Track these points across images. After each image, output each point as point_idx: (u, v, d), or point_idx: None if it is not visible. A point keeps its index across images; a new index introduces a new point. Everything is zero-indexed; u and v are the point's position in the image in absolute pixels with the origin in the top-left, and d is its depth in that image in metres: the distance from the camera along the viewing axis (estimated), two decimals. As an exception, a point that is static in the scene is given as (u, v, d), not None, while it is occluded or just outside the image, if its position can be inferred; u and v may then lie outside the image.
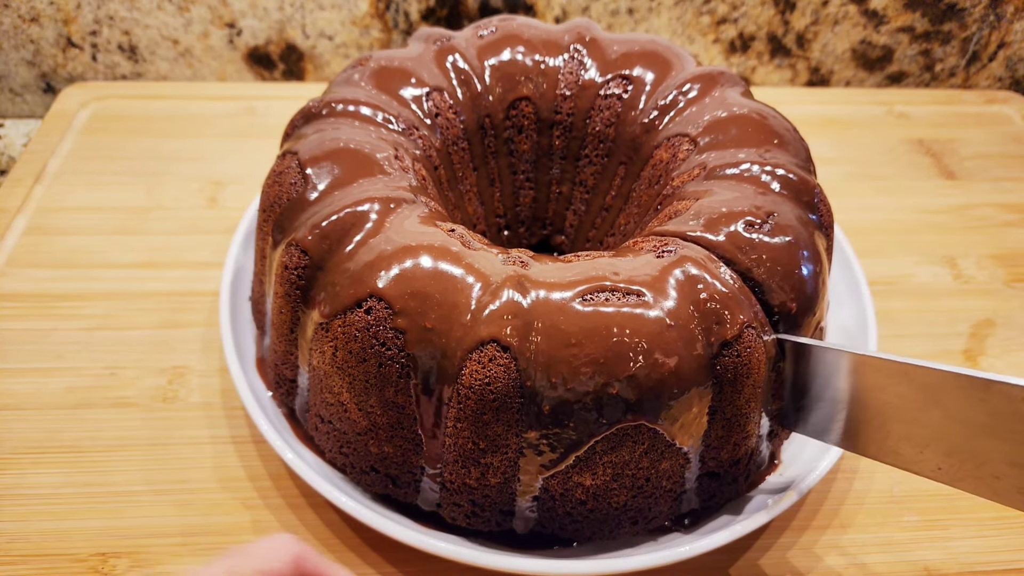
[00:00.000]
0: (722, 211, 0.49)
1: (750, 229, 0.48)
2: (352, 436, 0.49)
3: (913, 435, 0.42)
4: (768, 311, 0.47)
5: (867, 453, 0.45)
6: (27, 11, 0.88)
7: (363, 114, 0.56)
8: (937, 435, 0.41)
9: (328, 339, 0.47)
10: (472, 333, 0.43)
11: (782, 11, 0.96)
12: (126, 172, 0.80)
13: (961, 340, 0.69)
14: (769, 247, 0.48)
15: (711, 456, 0.48)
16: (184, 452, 0.57)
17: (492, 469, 0.46)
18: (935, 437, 0.41)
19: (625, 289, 0.44)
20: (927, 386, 0.41)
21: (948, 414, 0.40)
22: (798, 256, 0.48)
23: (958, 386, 0.39)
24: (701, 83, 0.60)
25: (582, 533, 0.49)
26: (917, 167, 0.88)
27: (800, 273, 0.48)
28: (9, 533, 0.51)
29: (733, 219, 0.49)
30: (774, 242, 0.48)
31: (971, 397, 0.39)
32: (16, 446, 0.56)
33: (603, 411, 0.43)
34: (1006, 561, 0.53)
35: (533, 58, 0.63)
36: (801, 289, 0.48)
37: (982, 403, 0.38)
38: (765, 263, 0.47)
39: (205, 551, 0.51)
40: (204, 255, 0.71)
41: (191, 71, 0.95)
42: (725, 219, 0.49)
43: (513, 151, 0.65)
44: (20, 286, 0.68)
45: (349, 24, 0.93)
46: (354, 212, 0.48)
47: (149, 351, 0.63)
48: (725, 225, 0.48)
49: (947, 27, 0.98)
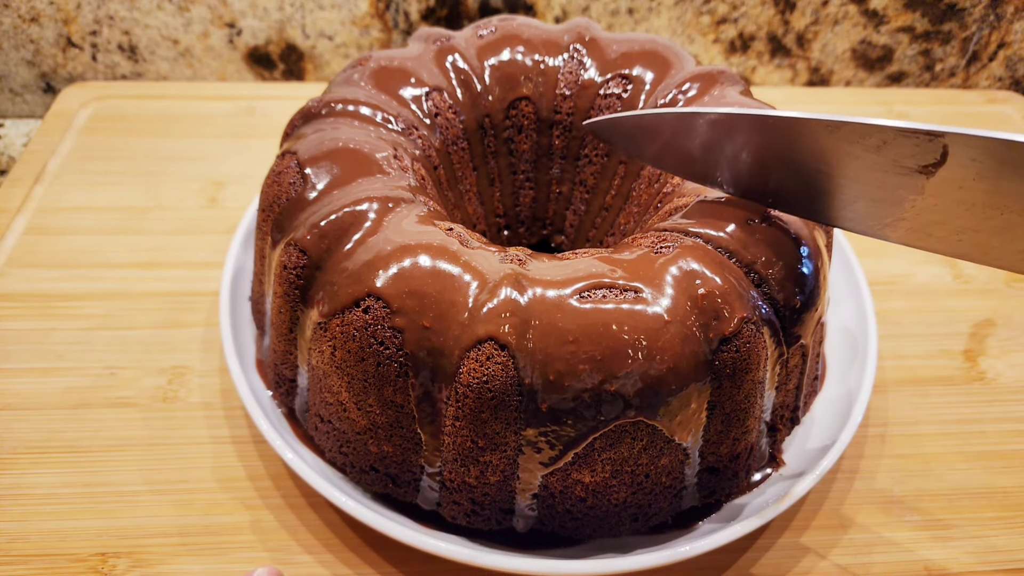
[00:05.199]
0: (723, 206, 0.49)
1: (751, 224, 0.48)
2: (351, 435, 0.49)
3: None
4: (770, 306, 0.47)
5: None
6: (27, 11, 0.89)
7: (362, 114, 0.56)
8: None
9: (327, 339, 0.47)
10: (470, 331, 0.43)
11: (782, 11, 0.96)
12: (126, 172, 0.80)
13: (961, 340, 0.69)
14: (770, 242, 0.48)
15: (711, 451, 0.48)
16: (184, 452, 0.57)
17: (491, 467, 0.46)
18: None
19: (623, 286, 0.44)
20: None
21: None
22: (799, 251, 0.48)
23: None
24: (700, 82, 0.60)
25: (582, 531, 0.49)
26: (917, 167, 0.88)
27: (801, 268, 0.48)
28: (9, 533, 0.51)
29: (734, 214, 0.49)
30: (774, 237, 0.48)
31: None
32: (16, 446, 0.56)
33: (601, 408, 0.43)
34: (1006, 561, 0.53)
35: (533, 58, 0.63)
36: (802, 284, 0.48)
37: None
38: (766, 258, 0.47)
39: (205, 551, 0.51)
40: (204, 255, 0.71)
41: (191, 71, 0.95)
42: (726, 214, 0.49)
43: (513, 151, 0.65)
44: (20, 286, 0.68)
45: (349, 24, 0.93)
46: (353, 212, 0.48)
47: (149, 351, 0.63)
48: (726, 221, 0.48)
49: (947, 27, 0.98)
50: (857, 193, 0.43)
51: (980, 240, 0.40)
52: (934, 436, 0.61)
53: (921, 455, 0.59)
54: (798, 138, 0.43)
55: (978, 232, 0.39)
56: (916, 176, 0.39)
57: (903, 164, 0.39)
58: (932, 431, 0.61)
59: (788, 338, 0.48)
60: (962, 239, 0.40)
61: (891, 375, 0.65)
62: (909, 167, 0.39)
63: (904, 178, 0.40)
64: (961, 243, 0.41)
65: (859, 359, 0.59)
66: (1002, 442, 0.61)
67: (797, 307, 0.47)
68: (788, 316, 0.47)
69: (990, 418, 0.62)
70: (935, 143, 0.38)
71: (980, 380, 0.65)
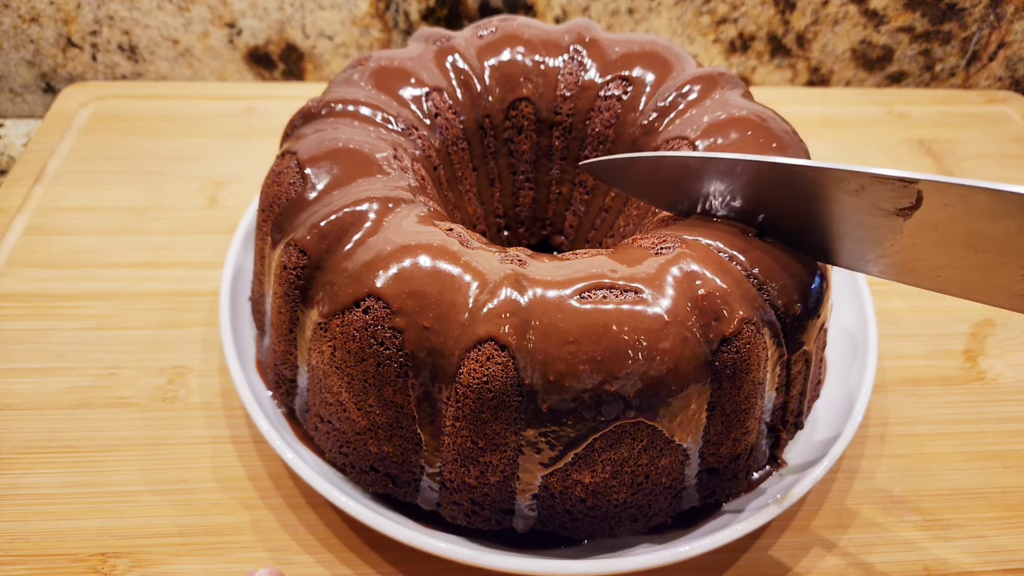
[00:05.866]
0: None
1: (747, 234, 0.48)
2: (351, 436, 0.49)
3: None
4: (771, 308, 0.47)
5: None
6: (27, 11, 0.89)
7: (362, 114, 0.56)
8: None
9: (327, 339, 0.47)
10: (470, 332, 0.43)
11: (782, 11, 0.96)
12: (126, 172, 0.80)
13: (961, 340, 0.69)
14: (769, 248, 0.48)
15: (711, 452, 0.48)
16: (184, 452, 0.57)
17: (491, 468, 0.46)
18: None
19: (623, 287, 0.44)
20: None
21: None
22: (800, 258, 0.48)
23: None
24: (701, 85, 0.60)
25: (582, 531, 0.49)
26: (917, 167, 0.88)
27: (803, 275, 0.48)
28: (9, 533, 0.51)
29: (734, 222, 0.49)
30: (770, 246, 0.48)
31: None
32: (16, 446, 0.56)
33: (601, 409, 0.43)
34: (1006, 561, 0.53)
35: (533, 58, 0.63)
36: (804, 290, 0.48)
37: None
38: (766, 263, 0.47)
39: (205, 551, 0.51)
40: (204, 255, 0.71)
41: (191, 71, 0.95)
42: (726, 222, 0.49)
43: (513, 151, 0.65)
44: (20, 286, 0.68)
45: (349, 24, 0.93)
46: (353, 212, 0.48)
47: (149, 351, 0.63)
48: (727, 226, 0.48)
49: (947, 27, 0.98)
50: (840, 231, 0.45)
51: (958, 277, 0.42)
52: (934, 436, 0.61)
53: (921, 455, 0.60)
54: (779, 181, 0.45)
55: (955, 269, 0.41)
56: (894, 218, 0.42)
57: (881, 207, 0.42)
58: (932, 431, 0.61)
59: (790, 343, 0.48)
60: (941, 275, 0.42)
61: (891, 375, 0.65)
62: (887, 210, 0.41)
63: (883, 219, 0.42)
64: (940, 279, 0.42)
65: (859, 359, 0.59)
66: (1002, 442, 0.61)
67: (798, 314, 0.47)
68: (789, 323, 0.47)
69: (990, 418, 0.62)
70: (910, 189, 0.40)
71: (980, 380, 0.65)
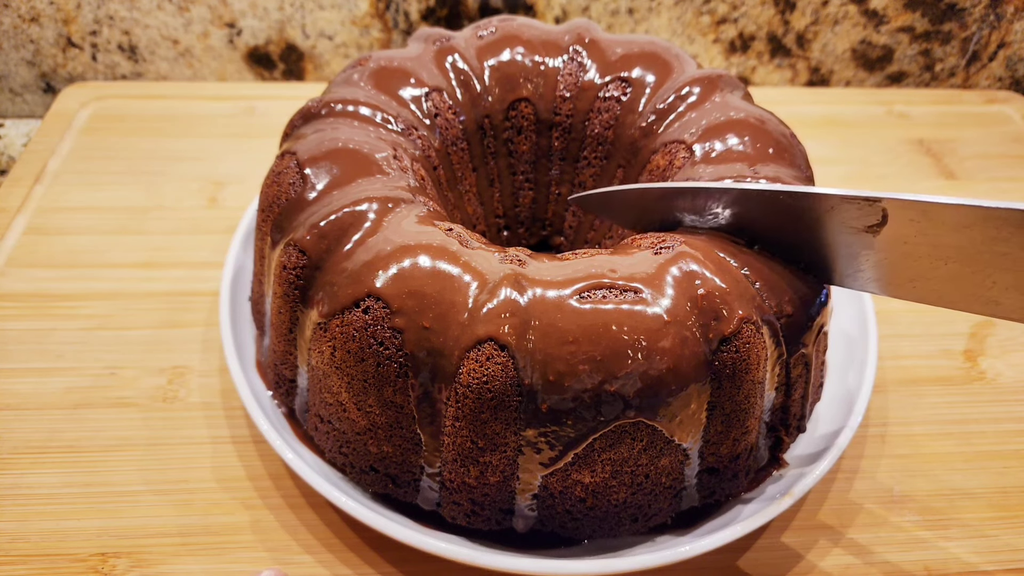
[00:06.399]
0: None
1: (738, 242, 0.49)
2: (351, 436, 0.49)
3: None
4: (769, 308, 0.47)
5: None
6: (27, 11, 0.89)
7: (362, 114, 0.56)
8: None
9: (327, 339, 0.47)
10: (469, 332, 0.43)
11: (782, 11, 0.96)
12: (126, 172, 0.80)
13: (961, 340, 0.69)
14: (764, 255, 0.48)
15: (710, 452, 0.48)
16: (184, 452, 0.57)
17: (491, 468, 0.46)
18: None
19: (623, 286, 0.44)
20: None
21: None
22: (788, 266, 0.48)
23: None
24: (700, 86, 0.60)
25: (582, 531, 0.49)
26: (917, 167, 0.88)
27: (800, 275, 0.48)
28: (9, 533, 0.51)
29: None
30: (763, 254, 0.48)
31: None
32: (16, 446, 0.56)
33: (601, 409, 0.43)
34: (1006, 561, 0.53)
35: (533, 59, 0.63)
36: (802, 291, 0.48)
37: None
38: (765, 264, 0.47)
39: (205, 551, 0.51)
40: (204, 255, 0.71)
41: (191, 71, 0.95)
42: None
43: (512, 152, 0.65)
44: (20, 286, 0.68)
45: (349, 24, 0.93)
46: (352, 212, 0.48)
47: (149, 351, 0.63)
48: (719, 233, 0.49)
49: (947, 27, 0.98)
50: (820, 249, 0.46)
51: (934, 288, 0.43)
52: (934, 436, 0.61)
53: (921, 455, 0.60)
54: (759, 206, 0.46)
55: (930, 280, 0.43)
56: (864, 235, 0.43)
57: (851, 225, 0.43)
58: (932, 431, 0.61)
59: (790, 344, 0.48)
60: (917, 287, 0.43)
61: (891, 375, 0.65)
62: (857, 227, 0.43)
63: (855, 236, 0.44)
64: (917, 290, 0.44)
65: (859, 359, 0.59)
66: (1002, 442, 0.61)
67: (797, 315, 0.47)
68: (789, 324, 0.47)
69: (990, 418, 0.62)
70: (875, 207, 0.41)
71: (980, 380, 0.65)
